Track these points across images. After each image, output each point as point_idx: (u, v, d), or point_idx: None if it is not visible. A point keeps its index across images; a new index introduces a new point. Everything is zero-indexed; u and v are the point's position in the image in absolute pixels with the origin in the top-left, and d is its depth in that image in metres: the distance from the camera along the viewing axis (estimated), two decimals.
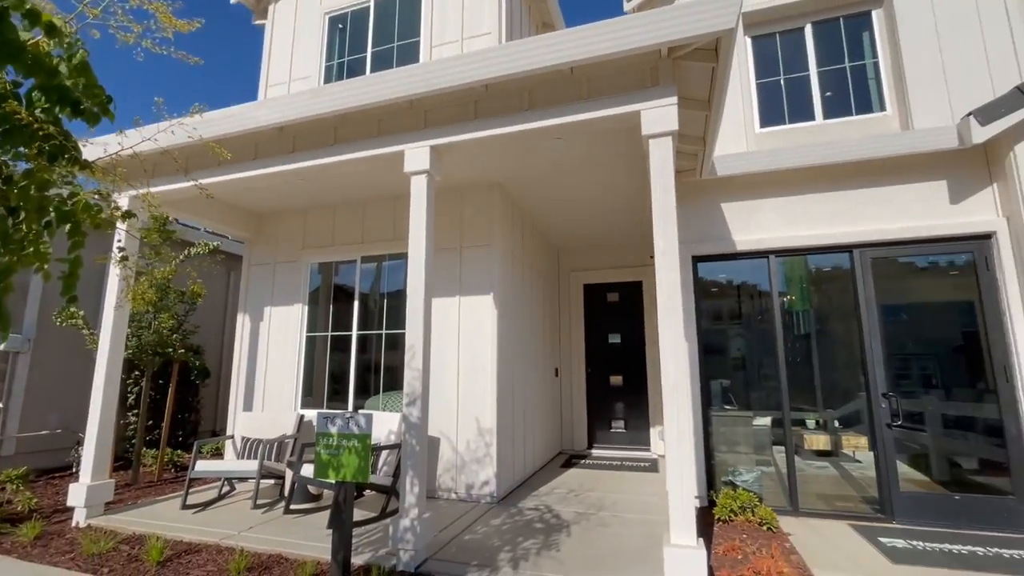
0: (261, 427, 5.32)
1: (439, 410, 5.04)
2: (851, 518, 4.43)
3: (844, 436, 4.86)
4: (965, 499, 4.22)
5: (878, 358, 4.55)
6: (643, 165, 4.89)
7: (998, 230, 4.34)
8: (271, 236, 6.35)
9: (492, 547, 3.63)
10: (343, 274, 6.08)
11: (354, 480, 3.07)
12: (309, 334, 5.98)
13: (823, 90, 5.67)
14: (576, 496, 5.02)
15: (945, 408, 4.53)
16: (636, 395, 7.46)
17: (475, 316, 5.16)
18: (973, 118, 4.17)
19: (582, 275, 7.99)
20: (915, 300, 4.88)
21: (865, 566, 3.44)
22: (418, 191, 3.77)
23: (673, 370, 2.99)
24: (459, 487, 4.91)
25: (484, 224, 5.33)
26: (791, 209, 4.99)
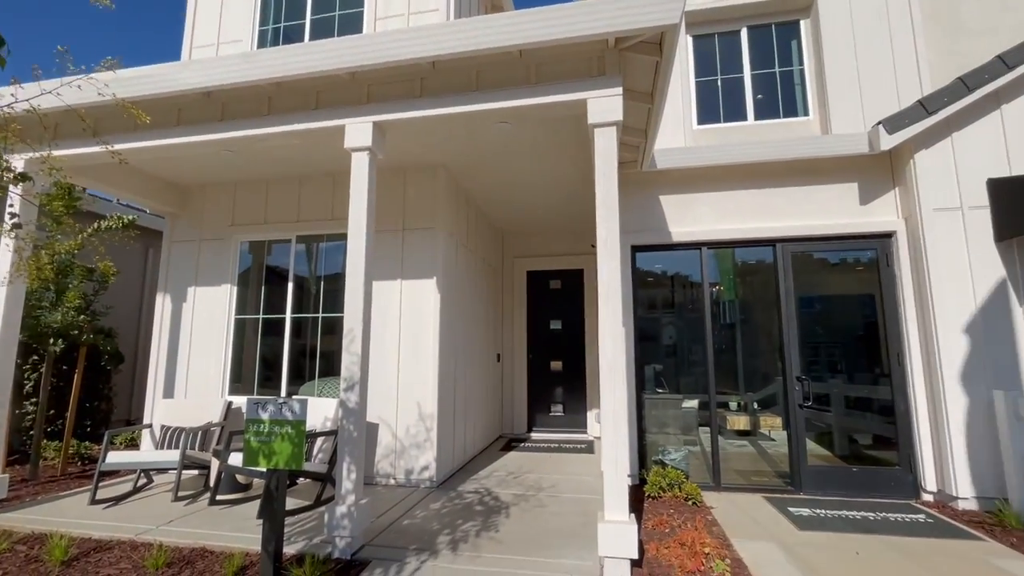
0: (183, 415, 4.98)
1: (379, 395, 4.94)
2: (766, 491, 4.82)
3: (762, 417, 5.27)
4: (861, 471, 4.71)
5: (794, 345, 4.94)
6: (588, 154, 4.98)
7: (898, 230, 4.81)
8: (196, 211, 5.90)
9: (431, 531, 3.63)
10: (276, 254, 5.77)
11: (287, 468, 2.96)
12: (238, 316, 5.64)
13: (755, 92, 5.99)
14: (515, 478, 5.11)
15: (847, 390, 5.01)
16: (575, 380, 7.67)
17: (417, 300, 5.07)
18: (882, 127, 4.57)
19: (526, 262, 8.06)
20: (826, 292, 5.32)
21: (776, 533, 3.76)
22: (359, 168, 3.62)
23: (611, 354, 3.09)
24: (398, 473, 4.86)
25: (428, 206, 5.23)
26: (723, 204, 5.28)
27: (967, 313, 4.35)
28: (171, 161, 5.17)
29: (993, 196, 4.42)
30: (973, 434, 4.21)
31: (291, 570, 2.94)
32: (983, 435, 4.19)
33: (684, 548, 3.26)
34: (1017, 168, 4.41)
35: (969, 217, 4.47)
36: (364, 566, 3.10)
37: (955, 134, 4.58)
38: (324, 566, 3.01)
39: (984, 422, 4.20)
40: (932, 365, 4.43)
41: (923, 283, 4.53)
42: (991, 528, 3.79)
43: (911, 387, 4.61)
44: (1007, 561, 3.24)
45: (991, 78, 4.39)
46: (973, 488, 4.16)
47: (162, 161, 5.19)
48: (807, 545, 3.51)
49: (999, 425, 4.09)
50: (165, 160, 5.16)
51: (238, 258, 5.73)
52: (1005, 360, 4.24)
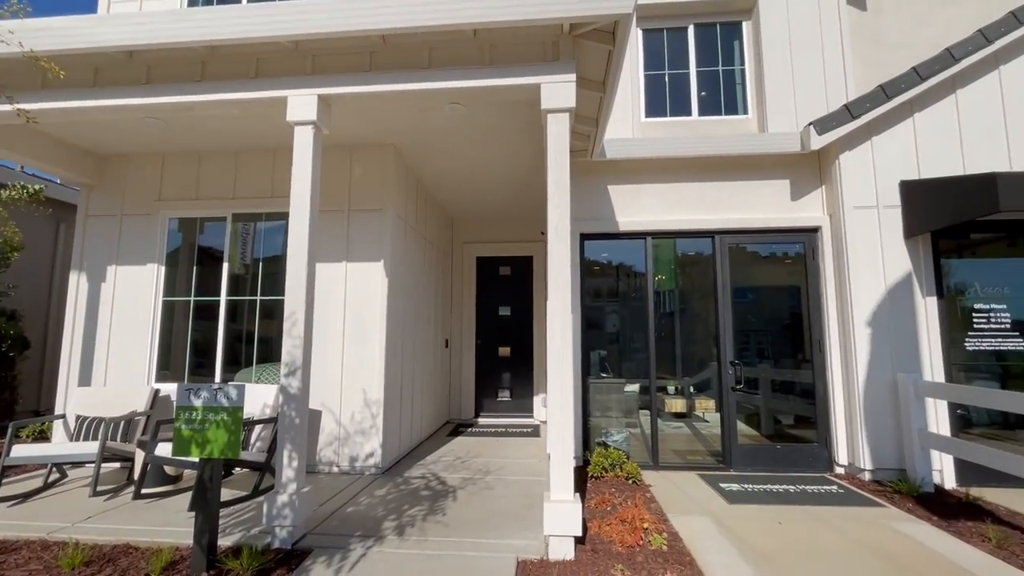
0: (103, 404, 4.60)
1: (322, 381, 4.79)
2: (700, 469, 5.11)
3: (697, 400, 5.57)
4: (784, 448, 5.09)
5: (729, 332, 5.24)
6: (540, 141, 5.01)
7: (823, 226, 5.18)
8: (117, 183, 5.40)
9: (376, 517, 3.59)
10: (210, 233, 5.40)
11: (222, 457, 2.81)
12: (167, 299, 5.25)
13: (700, 89, 6.21)
14: (463, 463, 5.13)
15: (774, 375, 5.38)
16: (523, 366, 7.77)
17: (364, 284, 4.93)
18: (813, 127, 4.89)
19: (476, 247, 8.02)
20: (759, 284, 5.65)
21: (708, 508, 4.00)
22: (303, 143, 3.44)
23: (559, 338, 3.14)
24: (342, 460, 4.74)
25: (376, 186, 5.07)
26: (669, 195, 5.47)
27: (879, 303, 4.77)
28: (87, 126, 4.70)
29: (904, 197, 4.84)
30: (879, 413, 4.65)
31: (227, 562, 2.81)
32: (888, 414, 4.63)
33: (624, 525, 3.41)
34: (926, 171, 4.85)
35: (883, 215, 4.88)
36: (306, 555, 3.01)
37: (874, 138, 4.97)
38: (263, 557, 2.90)
39: (889, 402, 4.65)
40: (848, 351, 4.83)
41: (843, 275, 4.91)
42: (891, 496, 4.22)
43: (830, 371, 5.02)
44: (902, 524, 3.62)
45: (906, 87, 4.78)
46: (878, 461, 4.61)
47: (77, 126, 4.71)
48: (736, 517, 3.77)
49: (901, 404, 4.54)
50: (81, 125, 4.68)
51: (166, 236, 5.32)
52: (908, 346, 4.69)
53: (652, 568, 2.91)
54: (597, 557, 3.04)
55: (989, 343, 4.71)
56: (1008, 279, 4.78)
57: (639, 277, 5.57)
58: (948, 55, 4.75)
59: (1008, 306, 4.73)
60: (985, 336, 4.73)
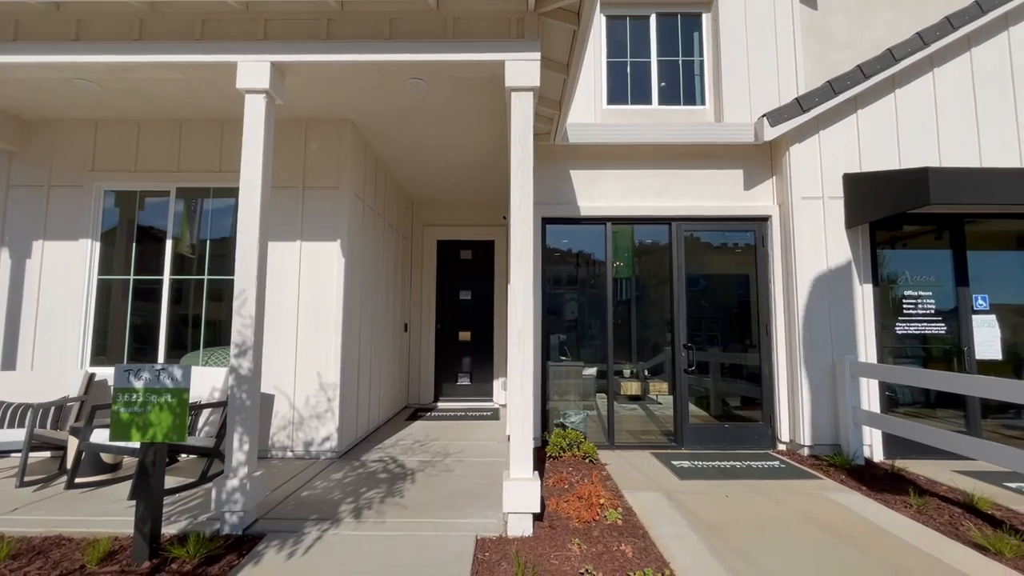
0: (29, 389, 4.27)
1: (275, 364, 4.62)
2: (654, 448, 5.30)
3: (652, 383, 5.75)
4: (732, 427, 5.34)
5: (683, 317, 5.41)
6: (503, 123, 4.96)
7: (773, 215, 5.41)
8: (44, 151, 4.96)
9: (333, 500, 3.52)
10: (151, 209, 5.06)
11: (167, 440, 2.67)
12: (102, 277, 4.90)
13: (660, 78, 6.30)
14: (422, 446, 5.10)
15: (724, 358, 5.61)
16: (483, 350, 7.77)
17: (319, 264, 4.77)
18: (766, 119, 5.06)
19: (437, 230, 7.90)
20: (711, 271, 5.84)
21: (661, 484, 4.15)
22: (254, 113, 3.26)
23: (521, 319, 3.15)
24: (296, 445, 4.61)
25: (332, 163, 4.89)
26: (628, 181, 5.55)
27: (822, 290, 5.05)
28: (8, 84, 4.28)
29: (847, 188, 5.12)
30: (819, 392, 4.94)
31: (171, 550, 2.69)
32: (826, 393, 4.94)
33: (581, 501, 3.49)
34: (868, 165, 5.13)
35: (828, 206, 5.14)
36: (258, 540, 2.92)
37: (822, 131, 5.21)
38: (211, 544, 2.79)
39: (827, 382, 4.95)
40: (792, 334, 5.10)
41: (789, 263, 5.16)
42: (827, 469, 4.51)
43: (775, 354, 5.29)
44: (836, 494, 3.88)
45: (852, 84, 5.03)
46: (816, 438, 4.91)
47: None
48: (686, 492, 3.93)
49: (837, 384, 4.84)
50: (1, 83, 4.26)
51: (100, 210, 4.94)
52: (846, 330, 5.00)
53: (608, 542, 3.00)
54: (555, 533, 3.10)
55: (916, 327, 5.09)
56: (934, 269, 5.16)
57: (598, 263, 5.65)
58: (889, 55, 5.01)
59: (933, 294, 5.11)
60: (912, 321, 5.10)
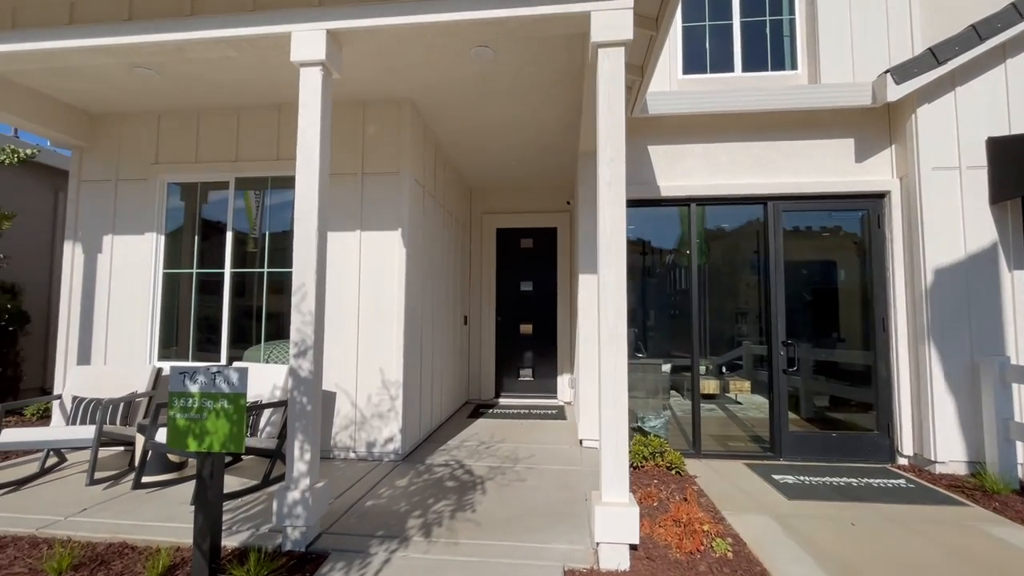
0: (102, 384, 4.26)
1: (336, 361, 4.40)
2: (745, 457, 4.69)
3: (731, 380, 5.12)
4: (840, 436, 4.64)
5: (780, 309, 4.73)
6: (574, 95, 4.45)
7: (892, 190, 4.60)
8: (111, 145, 4.96)
9: (399, 513, 3.22)
10: (214, 201, 4.96)
11: (224, 451, 2.42)
12: (167, 271, 4.86)
13: (744, 42, 5.56)
14: (488, 449, 4.76)
15: (828, 355, 4.89)
16: (545, 344, 7.34)
17: (380, 254, 4.48)
18: (890, 76, 4.26)
19: (496, 218, 7.51)
20: (813, 255, 5.12)
21: (766, 503, 3.58)
22: (310, 88, 2.95)
23: (613, 318, 2.69)
24: (359, 445, 4.39)
25: (392, 147, 4.57)
26: (716, 157, 4.90)
27: (957, 277, 4.23)
28: (74, 78, 4.24)
29: (992, 156, 4.24)
30: (953, 399, 4.15)
31: (231, 570, 2.45)
32: (963, 400, 4.14)
33: (680, 527, 3.00)
34: (1017, 127, 4.23)
35: (966, 177, 4.29)
36: (322, 559, 2.65)
37: (959, 88, 4.34)
38: (273, 563, 2.53)
39: (965, 387, 4.15)
40: (918, 330, 4.32)
41: (915, 246, 4.36)
42: (971, 492, 3.76)
43: (894, 352, 4.52)
44: (997, 527, 3.17)
45: (1003, 27, 4.13)
46: (950, 453, 4.14)
47: (64, 78, 4.25)
48: (801, 516, 3.34)
49: (983, 390, 4.04)
50: (67, 76, 4.22)
51: (165, 202, 4.89)
52: (991, 325, 4.16)
53: None
54: (655, 567, 2.63)
55: None
56: None
57: (674, 250, 5.06)
58: None
59: None
60: None
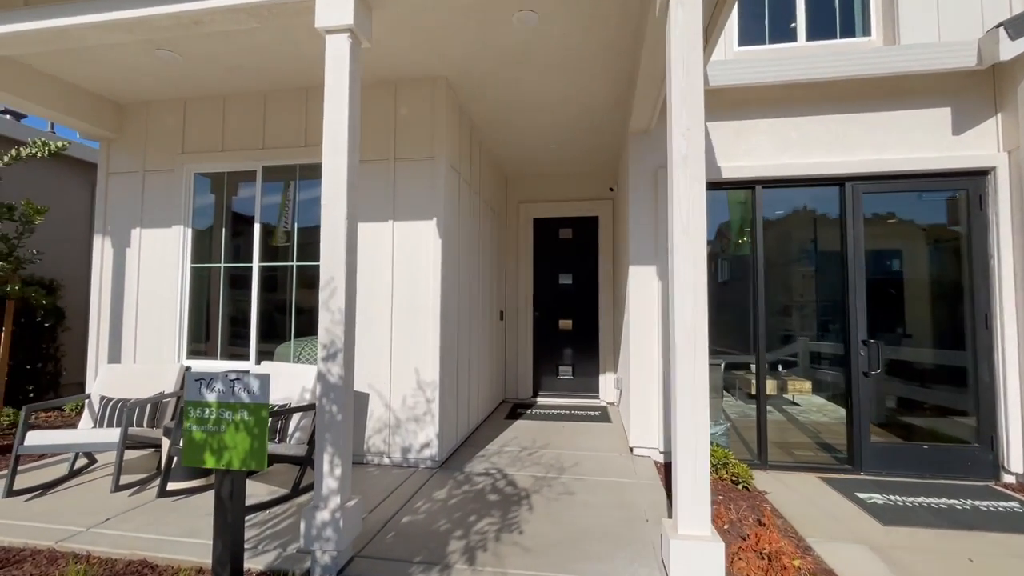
0: (129, 383, 4.10)
1: (368, 359, 4.12)
2: (818, 470, 4.19)
3: (790, 380, 4.61)
4: (932, 449, 4.07)
5: (861, 303, 4.18)
6: (628, 66, 3.98)
7: (998, 166, 3.97)
8: (138, 136, 4.79)
9: (439, 532, 2.89)
10: (240, 191, 4.74)
11: (244, 468, 2.13)
12: (195, 265, 4.67)
13: (808, 6, 4.95)
14: (530, 455, 4.40)
15: (914, 356, 4.31)
16: (586, 340, 6.92)
17: (413, 246, 4.16)
18: (1003, 30, 3.64)
19: (533, 207, 7.11)
20: (893, 243, 4.52)
21: (857, 529, 3.10)
22: (338, 57, 2.61)
23: (691, 314, 2.27)
24: (393, 451, 4.10)
25: (425, 130, 4.23)
26: (784, 133, 4.36)
27: None
28: (93, 63, 4.05)
29: None
30: None
31: None
32: None
33: (764, 560, 2.56)
34: None
35: None
36: None
37: None
38: None
39: None
40: None
41: None
42: None
43: (999, 353, 3.92)
44: None
45: None
46: None
47: (83, 63, 4.07)
48: (904, 547, 2.85)
49: None
50: (85, 61, 4.04)
51: (192, 193, 4.69)
52: None
53: None
54: None
55: None
56: None
57: (737, 236, 4.56)
58: None
59: None
60: None
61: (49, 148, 4.96)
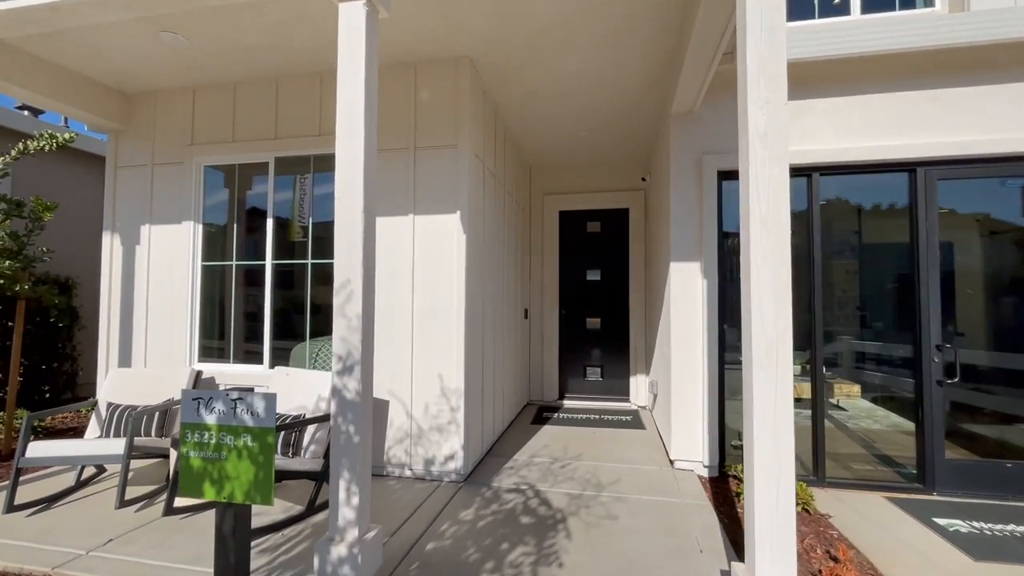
0: (138, 389, 3.88)
1: (388, 365, 3.83)
2: (882, 488, 3.77)
3: (836, 383, 4.18)
4: (1018, 468, 3.62)
5: (934, 302, 3.74)
6: (671, 40, 3.57)
7: None
8: (146, 127, 4.56)
9: (467, 564, 2.58)
10: (252, 185, 4.48)
11: (248, 502, 1.84)
12: (206, 263, 4.43)
13: None
14: (562, 468, 4.07)
15: (995, 361, 3.85)
16: (616, 339, 6.54)
17: (435, 241, 3.84)
18: None
19: (558, 200, 6.73)
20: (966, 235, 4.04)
21: (944, 566, 2.69)
22: (352, 28, 2.29)
23: (772, 321, 1.90)
24: (415, 462, 3.81)
25: (448, 115, 3.89)
26: (846, 114, 3.92)
27: None
28: (96, 48, 3.81)
29: None
30: None
31: None
32: None
33: None
34: None
35: None
36: None
37: None
38: None
39: None
40: None
41: None
42: None
43: None
44: None
45: None
46: None
47: (87, 50, 3.84)
48: None
49: None
50: (88, 47, 3.80)
51: (202, 187, 4.45)
52: None
53: None
54: None
55: None
56: None
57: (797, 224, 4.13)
58: None
59: None
60: None
61: (56, 141, 4.75)
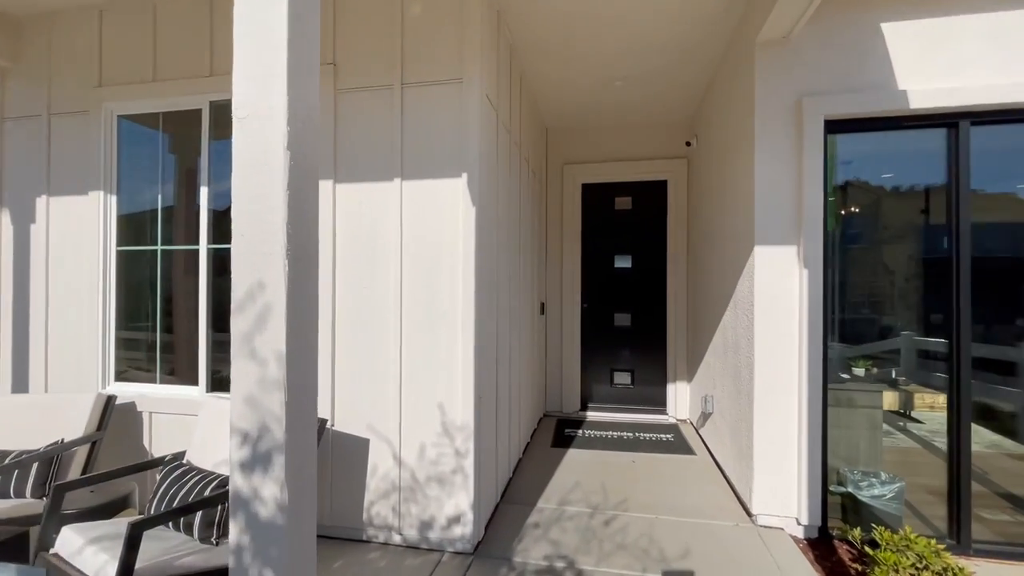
0: (15, 425, 2.79)
1: (367, 389, 2.75)
2: None
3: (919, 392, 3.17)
4: None
5: None
6: None
7: None
8: (40, 63, 3.38)
9: None
10: (184, 141, 3.32)
11: None
12: (123, 248, 3.30)
13: None
14: (605, 525, 3.00)
15: None
16: (650, 340, 5.46)
17: (433, 216, 2.72)
18: None
19: (581, 170, 5.57)
20: None
21: None
22: None
23: None
24: (406, 524, 2.74)
25: (449, 39, 2.73)
26: (1015, 35, 2.78)
27: None
28: None
29: None
30: None
31: None
32: None
33: None
34: None
35: None
36: None
37: None
38: None
39: None
40: None
41: None
42: None
43: None
44: None
45: None
46: None
47: None
48: None
49: None
50: None
51: (115, 145, 3.29)
52: None
53: None
54: None
55: None
56: None
57: (935, 195, 3.02)
58: None
59: None
60: None
61: None
